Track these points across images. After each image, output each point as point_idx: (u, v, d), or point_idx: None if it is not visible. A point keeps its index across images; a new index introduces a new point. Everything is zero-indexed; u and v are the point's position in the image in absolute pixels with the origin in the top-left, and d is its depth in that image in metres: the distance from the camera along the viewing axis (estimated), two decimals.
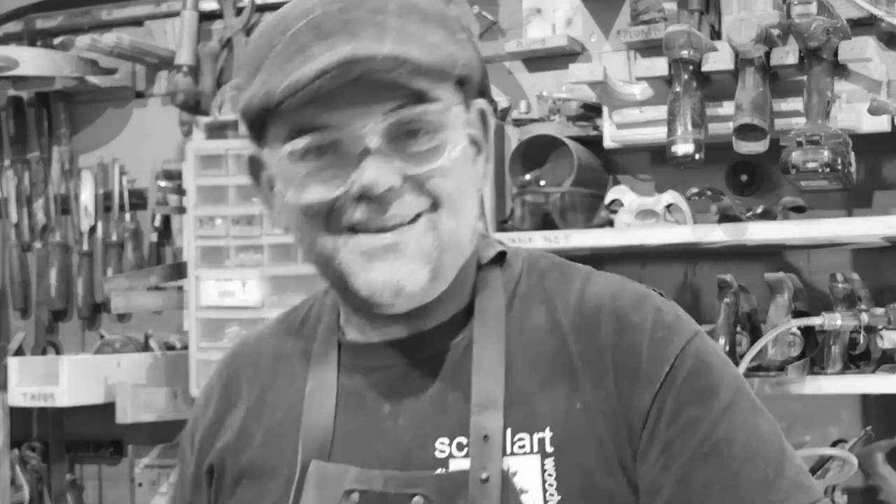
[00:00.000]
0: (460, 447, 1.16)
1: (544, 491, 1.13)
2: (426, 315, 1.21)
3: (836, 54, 2.35)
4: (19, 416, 3.50)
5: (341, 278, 1.16)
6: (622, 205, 2.56)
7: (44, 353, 3.61)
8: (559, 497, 1.13)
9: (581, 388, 1.14)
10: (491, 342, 1.19)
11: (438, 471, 1.16)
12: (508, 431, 1.15)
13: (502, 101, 2.92)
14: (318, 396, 1.23)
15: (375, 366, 1.23)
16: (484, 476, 1.13)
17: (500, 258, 1.26)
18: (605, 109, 2.65)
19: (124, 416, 3.19)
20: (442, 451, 1.17)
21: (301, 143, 1.12)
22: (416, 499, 1.14)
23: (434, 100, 1.13)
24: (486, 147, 1.23)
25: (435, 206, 1.14)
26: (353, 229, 1.14)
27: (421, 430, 1.18)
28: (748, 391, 1.18)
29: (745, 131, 2.39)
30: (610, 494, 1.12)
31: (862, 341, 2.41)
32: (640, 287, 1.22)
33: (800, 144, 2.30)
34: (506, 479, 1.13)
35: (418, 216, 1.14)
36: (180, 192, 3.26)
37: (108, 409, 3.24)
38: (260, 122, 1.16)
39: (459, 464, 1.15)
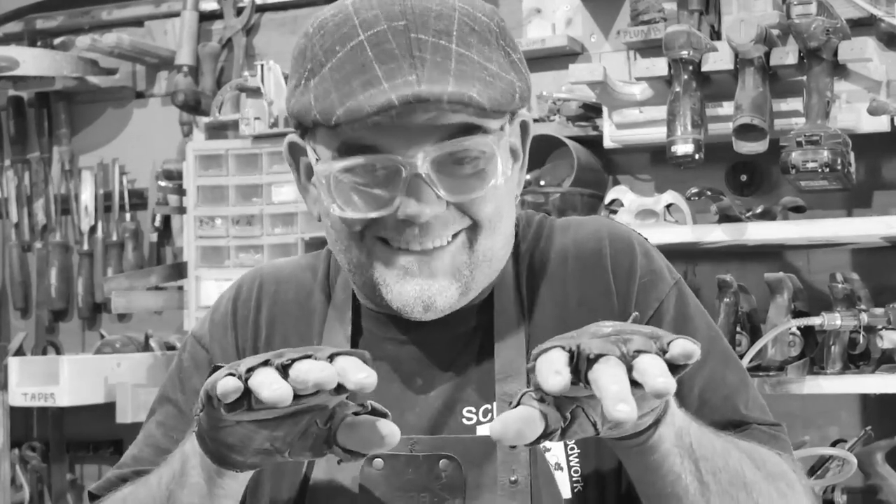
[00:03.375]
0: (486, 413, 1.21)
1: (566, 447, 1.20)
2: None
3: (835, 54, 2.35)
4: (19, 416, 3.50)
5: (374, 287, 1.20)
6: (622, 205, 2.56)
7: (44, 353, 3.61)
8: (579, 451, 1.19)
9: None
10: (510, 314, 1.25)
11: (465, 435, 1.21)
12: None
13: None
14: None
15: (406, 339, 1.26)
16: None
17: None
18: (605, 109, 2.65)
19: (124, 416, 3.19)
20: (469, 419, 1.22)
21: (351, 162, 1.14)
22: (443, 461, 1.18)
23: (486, 130, 1.15)
24: (524, 156, 1.26)
25: (474, 227, 1.18)
26: (389, 243, 1.17)
27: (449, 400, 1.23)
28: (721, 341, 1.28)
29: (745, 131, 2.39)
30: None
31: (862, 341, 2.41)
32: (626, 231, 1.30)
33: (799, 144, 2.30)
34: None
35: (456, 234, 1.18)
36: (180, 192, 3.27)
37: (108, 409, 3.24)
38: (310, 125, 1.16)
39: (486, 429, 1.20)
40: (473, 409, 1.23)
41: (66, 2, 3.67)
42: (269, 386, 0.93)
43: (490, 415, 1.21)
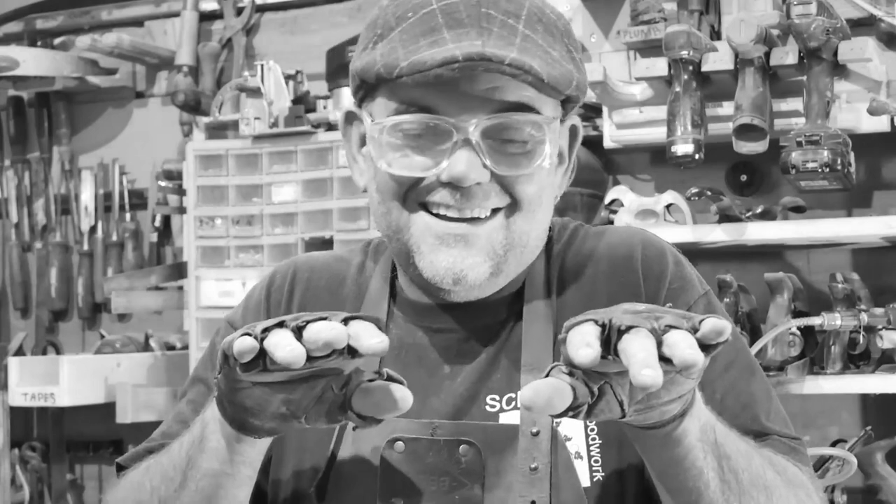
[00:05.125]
0: (509, 402, 1.23)
1: (587, 436, 1.21)
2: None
3: (835, 54, 2.35)
4: (19, 416, 3.50)
5: (408, 253, 1.22)
6: (622, 205, 2.56)
7: (44, 353, 3.62)
8: (600, 441, 1.21)
9: None
10: (540, 308, 1.27)
11: (487, 422, 1.23)
12: None
13: None
14: None
15: (438, 328, 1.28)
16: (535, 430, 1.20)
17: None
18: (605, 109, 2.65)
19: (124, 416, 3.19)
20: (492, 406, 1.24)
21: (407, 119, 1.18)
22: (463, 446, 1.20)
23: (538, 111, 1.19)
24: (570, 161, 1.30)
25: (514, 206, 1.21)
26: (428, 208, 1.20)
27: (473, 387, 1.25)
28: (746, 352, 1.29)
29: (745, 131, 2.39)
30: None
31: (862, 341, 2.41)
32: (659, 240, 1.32)
33: (799, 144, 2.30)
34: (553, 430, 1.20)
35: (496, 211, 1.20)
36: (180, 192, 3.27)
37: (108, 409, 3.24)
38: (371, 86, 1.21)
39: (508, 417, 1.23)
40: (497, 398, 1.24)
41: (66, 2, 3.67)
42: (284, 347, 0.95)
43: (513, 403, 1.23)
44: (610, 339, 0.93)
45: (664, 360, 0.91)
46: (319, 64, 3.16)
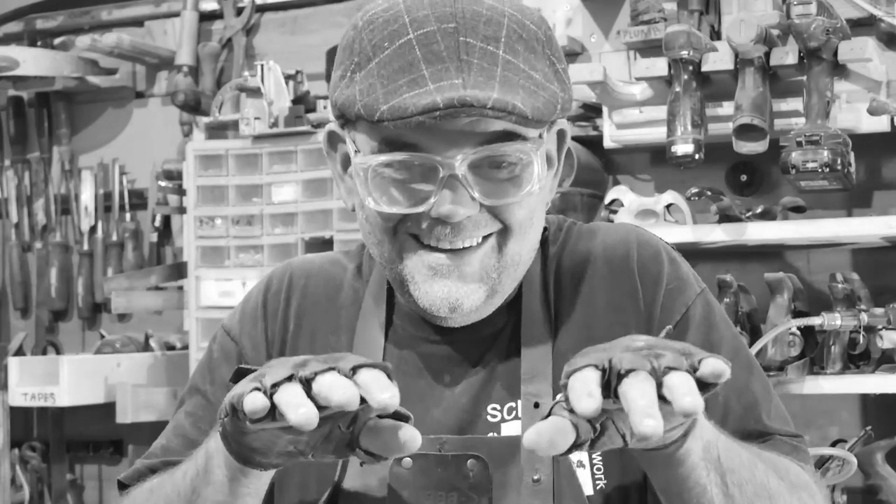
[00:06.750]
0: (510, 411, 1.23)
1: None
2: None
3: (835, 54, 2.35)
4: (19, 416, 3.50)
5: (402, 281, 1.21)
6: (622, 205, 2.56)
7: (44, 353, 3.61)
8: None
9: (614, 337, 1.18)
10: (537, 315, 1.26)
11: (491, 434, 1.23)
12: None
13: None
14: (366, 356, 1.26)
15: (436, 338, 1.28)
16: None
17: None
18: (605, 109, 2.65)
19: (124, 416, 3.19)
20: (493, 416, 1.24)
21: (390, 157, 1.15)
22: (471, 461, 1.20)
23: (525, 137, 1.16)
24: (559, 163, 1.28)
25: (505, 231, 1.20)
26: (420, 240, 1.19)
27: (475, 397, 1.25)
28: (745, 350, 1.30)
29: (745, 131, 2.39)
30: None
31: (862, 341, 2.41)
32: (654, 239, 1.32)
33: (799, 144, 2.30)
34: None
35: (487, 237, 1.19)
36: (180, 192, 3.27)
37: (108, 409, 3.24)
38: (353, 118, 1.18)
39: (510, 427, 1.23)
40: (498, 407, 1.24)
41: (66, 2, 3.67)
42: (296, 409, 0.94)
43: (514, 412, 1.23)
44: (610, 382, 0.94)
45: (663, 398, 0.91)
46: (319, 64, 3.17)
